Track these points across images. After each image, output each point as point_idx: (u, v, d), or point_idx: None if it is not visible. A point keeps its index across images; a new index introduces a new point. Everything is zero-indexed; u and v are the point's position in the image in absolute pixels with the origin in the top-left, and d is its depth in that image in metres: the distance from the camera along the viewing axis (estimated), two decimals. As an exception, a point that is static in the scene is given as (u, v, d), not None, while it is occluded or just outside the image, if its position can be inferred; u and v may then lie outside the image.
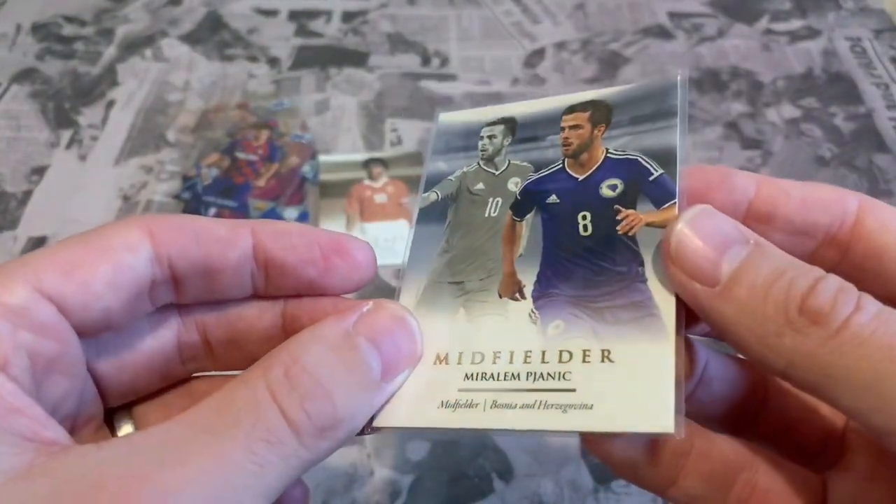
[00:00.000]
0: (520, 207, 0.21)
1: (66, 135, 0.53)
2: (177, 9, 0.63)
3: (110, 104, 0.55)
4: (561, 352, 0.18)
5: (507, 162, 0.22)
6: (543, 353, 0.18)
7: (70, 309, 0.16)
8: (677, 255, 0.17)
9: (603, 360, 0.17)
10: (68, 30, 0.61)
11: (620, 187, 0.20)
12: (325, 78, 0.57)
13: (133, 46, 0.60)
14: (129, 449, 0.14)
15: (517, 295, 0.19)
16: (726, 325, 0.16)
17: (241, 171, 0.50)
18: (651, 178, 0.20)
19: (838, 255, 0.18)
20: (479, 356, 0.19)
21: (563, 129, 0.22)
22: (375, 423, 0.18)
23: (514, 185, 0.22)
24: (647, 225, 0.19)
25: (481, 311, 0.19)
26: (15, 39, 0.60)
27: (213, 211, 0.47)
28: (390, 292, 0.22)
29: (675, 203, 0.19)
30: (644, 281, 0.18)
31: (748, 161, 0.52)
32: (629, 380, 0.17)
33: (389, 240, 0.46)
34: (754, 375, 0.21)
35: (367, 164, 0.51)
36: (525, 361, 0.18)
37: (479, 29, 0.62)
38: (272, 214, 0.47)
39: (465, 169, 0.23)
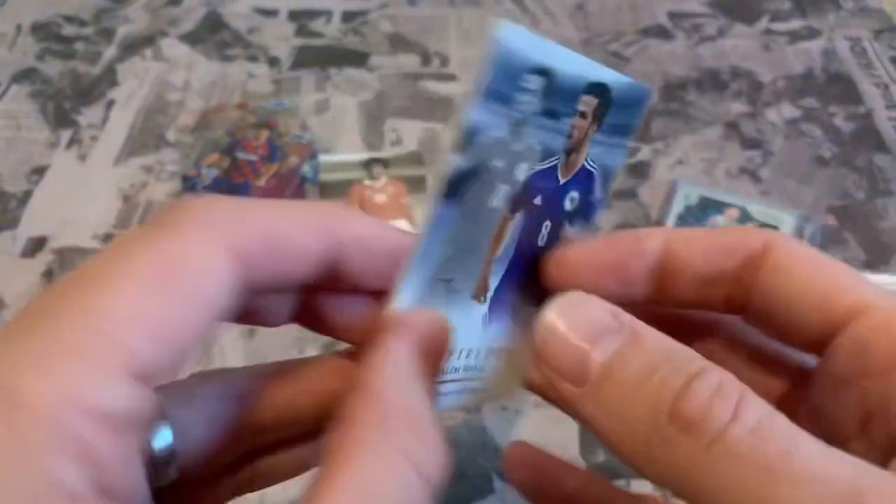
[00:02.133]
0: (515, 202, 0.18)
1: (66, 135, 0.53)
2: (177, 9, 0.63)
3: (110, 104, 0.55)
4: (490, 349, 0.20)
5: (526, 138, 0.18)
6: (479, 351, 0.19)
7: (159, 379, 0.13)
8: (543, 352, 0.15)
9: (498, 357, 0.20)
10: (68, 30, 0.61)
11: (577, 201, 0.19)
12: (326, 78, 0.57)
13: (133, 46, 0.60)
14: None
15: (482, 297, 0.19)
16: (595, 427, 0.15)
17: (241, 171, 0.50)
18: (591, 198, 0.19)
19: (744, 298, 0.17)
20: (451, 353, 0.18)
21: (575, 112, 0.18)
22: None
23: (522, 173, 0.18)
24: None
25: (457, 312, 0.18)
26: (15, 39, 0.60)
27: (213, 211, 0.47)
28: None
29: (588, 229, 0.19)
30: None
31: (748, 161, 0.52)
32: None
33: (389, 240, 0.46)
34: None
35: (367, 164, 0.51)
36: (467, 356, 0.19)
37: (479, 29, 0.62)
38: (272, 214, 0.47)
39: (496, 132, 0.17)
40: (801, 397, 0.17)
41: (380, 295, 0.17)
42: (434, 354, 0.16)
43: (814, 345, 0.16)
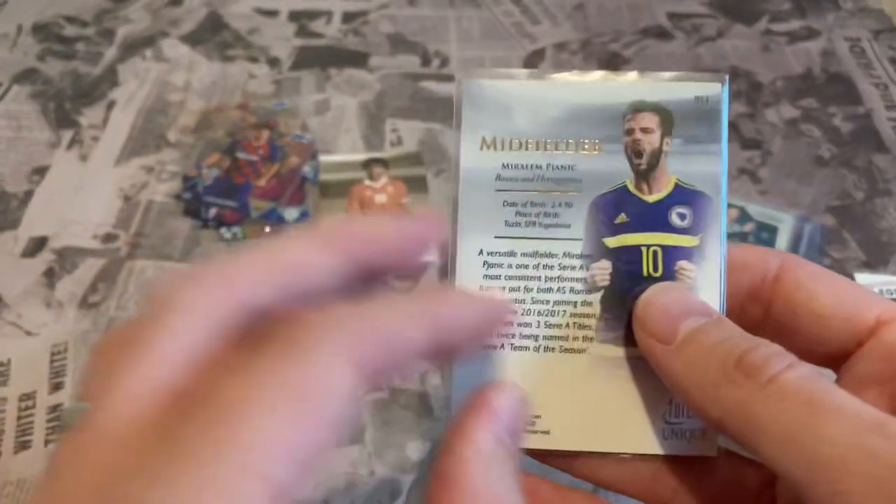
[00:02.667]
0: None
1: (66, 135, 0.53)
2: (177, 9, 0.64)
3: (111, 104, 0.55)
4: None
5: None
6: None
7: (294, 496, 0.13)
8: (643, 317, 0.18)
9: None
10: (69, 30, 0.61)
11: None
12: (326, 78, 0.57)
13: (134, 47, 0.60)
14: None
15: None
16: (675, 378, 0.18)
17: (242, 171, 0.50)
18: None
19: (761, 312, 0.19)
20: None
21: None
22: None
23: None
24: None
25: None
26: (16, 40, 0.61)
27: (213, 211, 0.47)
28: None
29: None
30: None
31: (748, 161, 0.52)
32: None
33: (389, 240, 0.46)
34: None
35: (368, 164, 0.51)
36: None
37: (479, 29, 0.62)
38: (272, 214, 0.47)
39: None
40: None
41: None
42: (518, 432, 0.17)
43: (834, 356, 0.18)
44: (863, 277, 0.44)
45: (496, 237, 0.20)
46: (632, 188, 0.20)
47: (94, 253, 0.45)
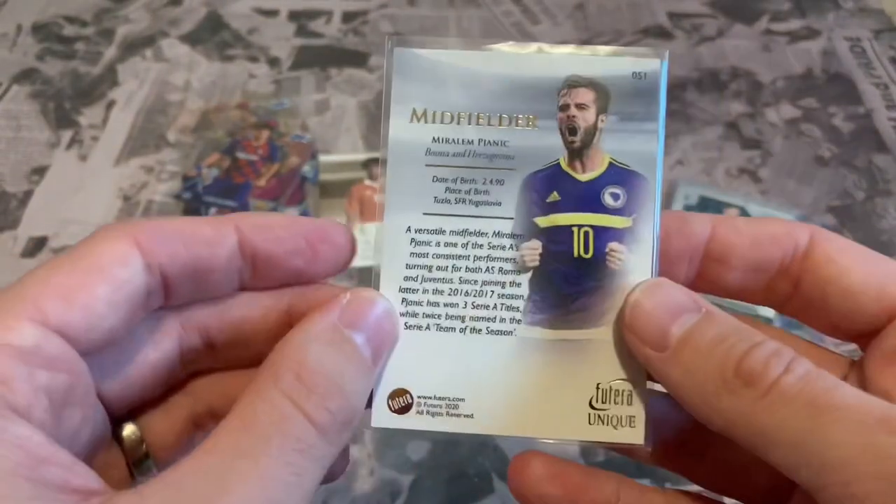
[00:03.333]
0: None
1: (66, 135, 0.53)
2: (177, 9, 0.64)
3: (111, 104, 0.55)
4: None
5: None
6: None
7: (76, 336, 0.16)
8: (632, 324, 0.18)
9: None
10: (69, 30, 0.61)
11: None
12: (326, 78, 0.57)
13: (133, 47, 0.60)
14: (173, 493, 0.14)
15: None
16: (674, 387, 0.17)
17: (242, 171, 0.50)
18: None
19: (790, 287, 0.19)
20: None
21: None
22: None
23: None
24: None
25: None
26: (15, 40, 0.60)
27: (213, 211, 0.47)
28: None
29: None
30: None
31: (748, 161, 0.52)
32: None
33: (389, 240, 0.46)
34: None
35: (367, 164, 0.51)
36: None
37: (479, 29, 0.62)
38: (272, 214, 0.47)
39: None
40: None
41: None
42: (372, 334, 0.17)
43: (863, 333, 0.18)
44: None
45: (425, 214, 0.19)
46: (565, 166, 0.19)
47: (94, 253, 0.45)
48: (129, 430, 0.19)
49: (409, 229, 0.19)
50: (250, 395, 0.16)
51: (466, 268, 0.19)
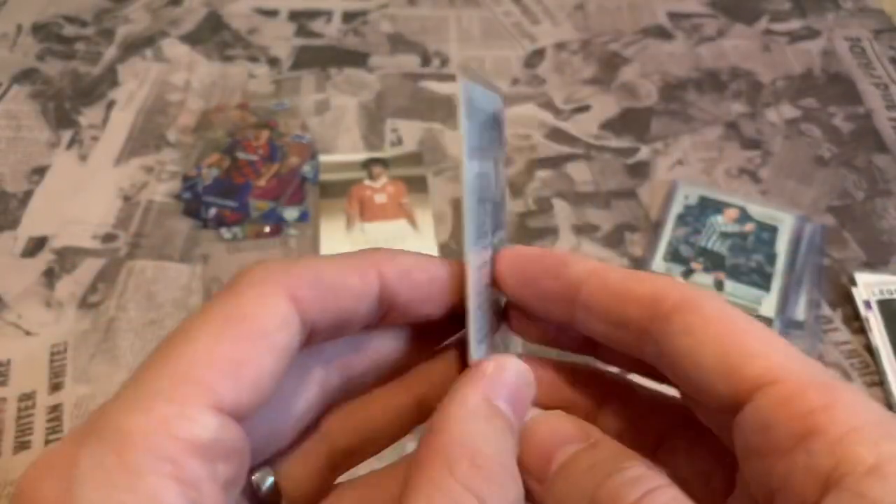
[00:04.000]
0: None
1: (66, 135, 0.53)
2: (177, 9, 0.64)
3: (111, 104, 0.55)
4: None
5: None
6: None
7: (244, 414, 0.14)
8: (523, 451, 0.17)
9: None
10: (69, 30, 0.61)
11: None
12: (326, 78, 0.57)
13: (133, 47, 0.60)
14: None
15: None
16: None
17: (242, 171, 0.50)
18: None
19: (653, 351, 0.17)
20: None
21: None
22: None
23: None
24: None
25: None
26: (16, 40, 0.60)
27: (213, 211, 0.47)
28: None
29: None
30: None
31: (748, 161, 0.52)
32: None
33: (389, 240, 0.46)
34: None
35: (367, 164, 0.51)
36: None
37: (480, 29, 0.62)
38: (272, 214, 0.47)
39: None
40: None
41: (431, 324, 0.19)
42: (517, 400, 0.17)
43: (724, 412, 0.16)
44: (863, 277, 0.44)
45: (483, 247, 0.19)
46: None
47: (94, 253, 0.45)
48: (266, 482, 0.18)
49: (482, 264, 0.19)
50: (425, 485, 0.15)
51: None
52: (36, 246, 0.46)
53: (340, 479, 0.20)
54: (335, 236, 0.46)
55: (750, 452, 0.15)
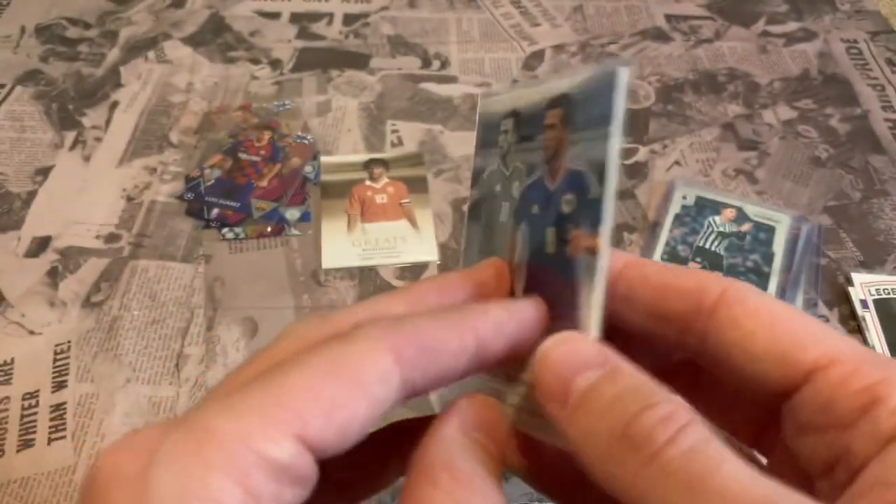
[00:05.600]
0: (517, 214, 0.21)
1: (69, 136, 0.53)
2: (180, 11, 0.64)
3: (114, 105, 0.55)
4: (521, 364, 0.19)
5: (513, 162, 0.21)
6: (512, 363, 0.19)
7: (323, 451, 0.15)
8: (537, 378, 0.17)
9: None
10: (72, 32, 0.62)
11: (574, 202, 0.19)
12: (327, 80, 0.58)
13: (136, 48, 0.60)
14: None
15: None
16: (571, 446, 0.16)
17: (244, 171, 0.50)
18: (589, 197, 0.19)
19: (698, 342, 0.18)
20: None
21: (545, 127, 0.20)
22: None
23: (516, 191, 0.21)
24: (585, 250, 0.18)
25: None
26: (19, 41, 0.61)
27: (215, 211, 0.48)
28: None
29: (599, 230, 0.18)
30: (576, 308, 0.18)
31: (745, 162, 0.52)
32: None
33: (390, 240, 0.47)
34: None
35: (368, 164, 0.51)
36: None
37: (479, 31, 0.63)
38: (274, 214, 0.48)
39: (492, 167, 0.22)
40: (775, 436, 0.18)
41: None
42: (488, 429, 0.18)
43: (773, 397, 0.17)
44: (860, 277, 0.44)
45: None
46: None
47: (97, 253, 0.46)
48: None
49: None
50: (413, 502, 0.16)
51: None
52: (39, 246, 0.46)
53: None
54: (336, 236, 0.47)
55: (808, 429, 0.16)
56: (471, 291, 0.20)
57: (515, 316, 0.18)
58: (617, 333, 0.18)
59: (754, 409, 0.19)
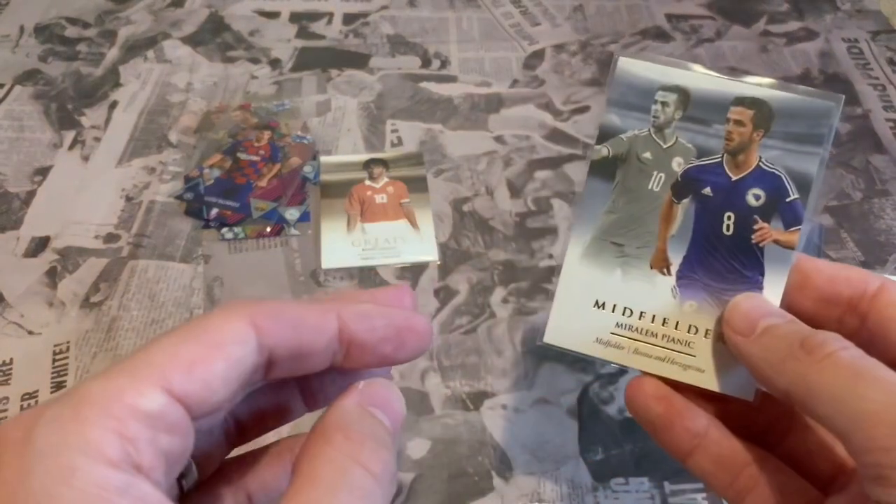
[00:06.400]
0: (680, 190, 0.24)
1: (69, 136, 0.53)
2: (179, 10, 0.64)
3: (113, 105, 0.55)
4: (690, 325, 0.24)
5: (675, 137, 0.24)
6: (677, 322, 0.24)
7: (191, 405, 0.17)
8: (729, 318, 0.23)
9: (717, 340, 0.24)
10: (71, 31, 0.62)
11: (763, 198, 0.23)
12: (327, 79, 0.58)
13: (135, 48, 0.60)
14: None
15: (665, 270, 0.24)
16: (750, 359, 0.22)
17: (243, 171, 0.50)
18: (787, 200, 0.23)
19: (858, 323, 0.23)
20: (628, 311, 0.24)
21: (728, 120, 0.23)
22: (545, 340, 0.24)
23: (678, 166, 0.24)
24: (775, 241, 0.23)
25: (634, 276, 0.24)
26: (18, 41, 0.61)
27: (214, 211, 0.48)
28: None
29: (800, 228, 0.23)
30: (761, 289, 0.23)
31: (746, 162, 0.52)
32: (732, 359, 0.23)
33: (390, 240, 0.46)
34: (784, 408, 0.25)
35: (368, 164, 0.51)
36: (663, 324, 0.24)
37: (479, 31, 0.63)
38: (273, 214, 0.47)
39: (636, 131, 0.24)
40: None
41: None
42: (385, 407, 0.20)
43: None
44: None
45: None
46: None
47: (96, 253, 0.46)
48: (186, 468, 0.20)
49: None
50: (308, 458, 0.18)
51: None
52: (38, 246, 0.46)
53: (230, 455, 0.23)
54: (336, 236, 0.47)
55: None
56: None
57: (386, 316, 0.21)
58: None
59: (828, 464, 0.24)
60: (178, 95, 0.56)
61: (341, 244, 0.46)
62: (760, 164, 0.23)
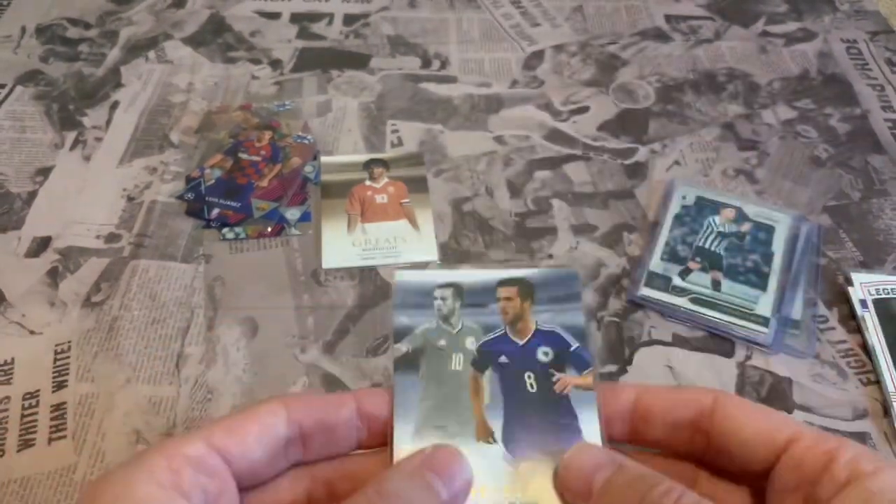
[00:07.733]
0: (480, 363, 0.26)
1: (70, 136, 0.53)
2: (180, 11, 0.64)
3: (114, 106, 0.55)
4: (530, 484, 0.24)
5: (461, 322, 0.27)
6: (522, 486, 0.24)
7: (230, 458, 0.22)
8: (564, 479, 0.23)
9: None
10: (72, 32, 0.62)
11: (551, 354, 0.26)
12: (327, 80, 0.58)
13: (137, 48, 0.60)
14: None
15: (490, 439, 0.25)
16: None
17: (244, 171, 0.50)
18: (571, 349, 0.26)
19: (705, 440, 0.24)
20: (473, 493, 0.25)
21: (499, 299, 0.28)
22: None
23: (471, 344, 0.27)
24: (576, 387, 0.25)
25: (465, 452, 0.24)
26: (20, 41, 0.61)
27: (215, 211, 0.48)
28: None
29: (592, 370, 0.26)
30: (579, 432, 0.25)
31: (744, 162, 0.52)
32: None
33: (390, 240, 0.47)
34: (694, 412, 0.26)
35: (368, 164, 0.51)
36: (507, 492, 0.24)
37: (479, 31, 0.63)
38: (274, 214, 0.48)
39: (426, 325, 0.27)
40: None
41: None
42: (443, 474, 0.22)
43: (761, 471, 0.23)
44: (859, 277, 0.44)
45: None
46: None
47: (98, 252, 0.46)
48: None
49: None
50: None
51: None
52: (40, 246, 0.46)
53: None
54: (336, 236, 0.47)
55: (789, 488, 0.21)
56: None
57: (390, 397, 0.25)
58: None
59: (745, 495, 0.25)
60: (180, 96, 0.56)
61: (342, 244, 0.46)
62: (538, 326, 0.27)
